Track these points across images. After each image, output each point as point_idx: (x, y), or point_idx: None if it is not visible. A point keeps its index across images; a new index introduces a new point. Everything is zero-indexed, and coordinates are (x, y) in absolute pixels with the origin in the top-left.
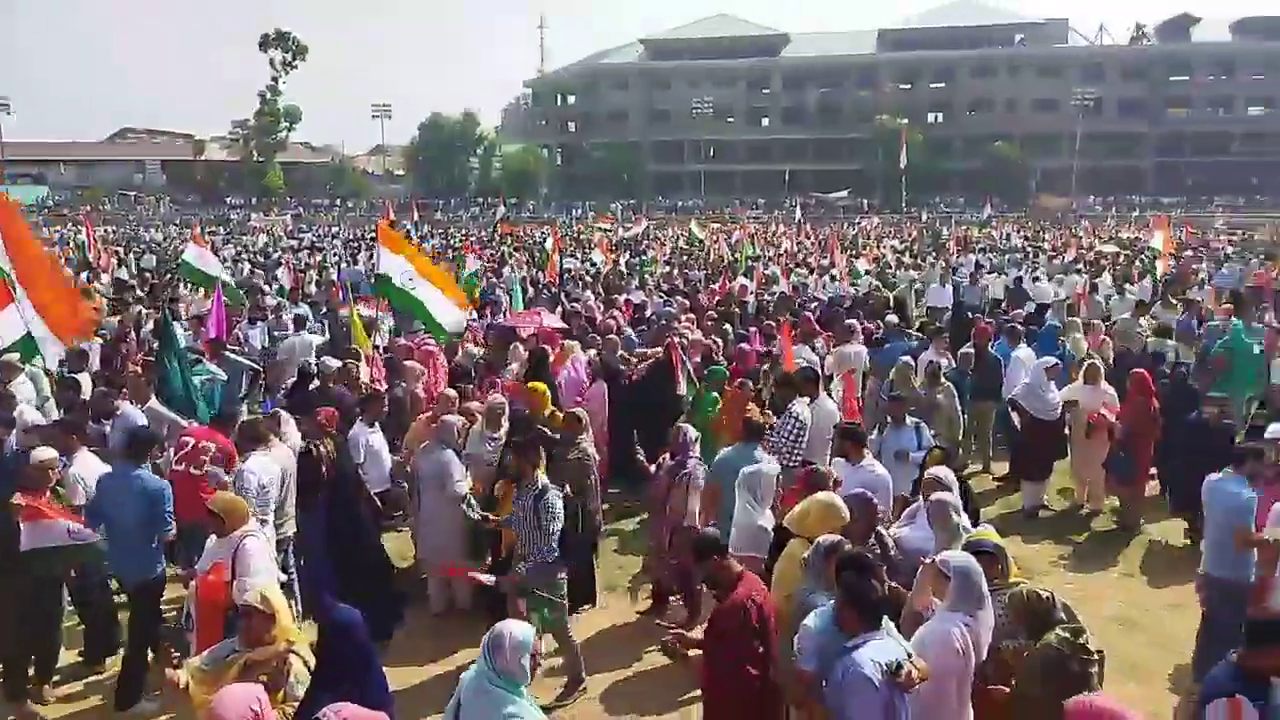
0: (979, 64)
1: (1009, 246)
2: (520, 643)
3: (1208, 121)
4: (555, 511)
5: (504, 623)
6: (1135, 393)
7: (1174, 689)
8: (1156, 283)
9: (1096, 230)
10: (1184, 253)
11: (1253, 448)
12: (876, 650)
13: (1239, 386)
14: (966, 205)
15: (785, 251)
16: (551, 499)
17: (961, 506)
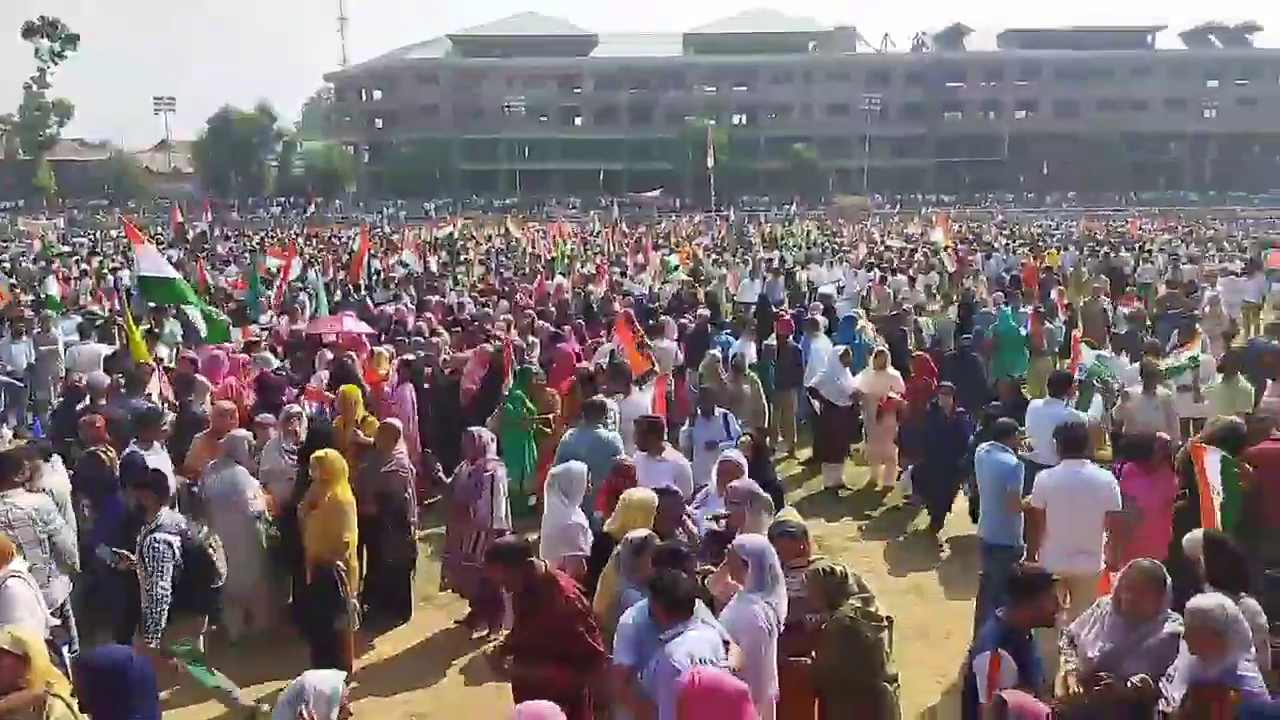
0: (778, 69)
1: (808, 243)
2: (326, 697)
3: (980, 124)
4: (159, 558)
5: (307, 676)
6: (919, 375)
7: (958, 650)
8: (943, 275)
9: (887, 227)
10: (960, 246)
11: (1009, 423)
12: (691, 641)
13: (1008, 367)
14: (771, 204)
15: (602, 250)
16: (156, 543)
17: (760, 489)
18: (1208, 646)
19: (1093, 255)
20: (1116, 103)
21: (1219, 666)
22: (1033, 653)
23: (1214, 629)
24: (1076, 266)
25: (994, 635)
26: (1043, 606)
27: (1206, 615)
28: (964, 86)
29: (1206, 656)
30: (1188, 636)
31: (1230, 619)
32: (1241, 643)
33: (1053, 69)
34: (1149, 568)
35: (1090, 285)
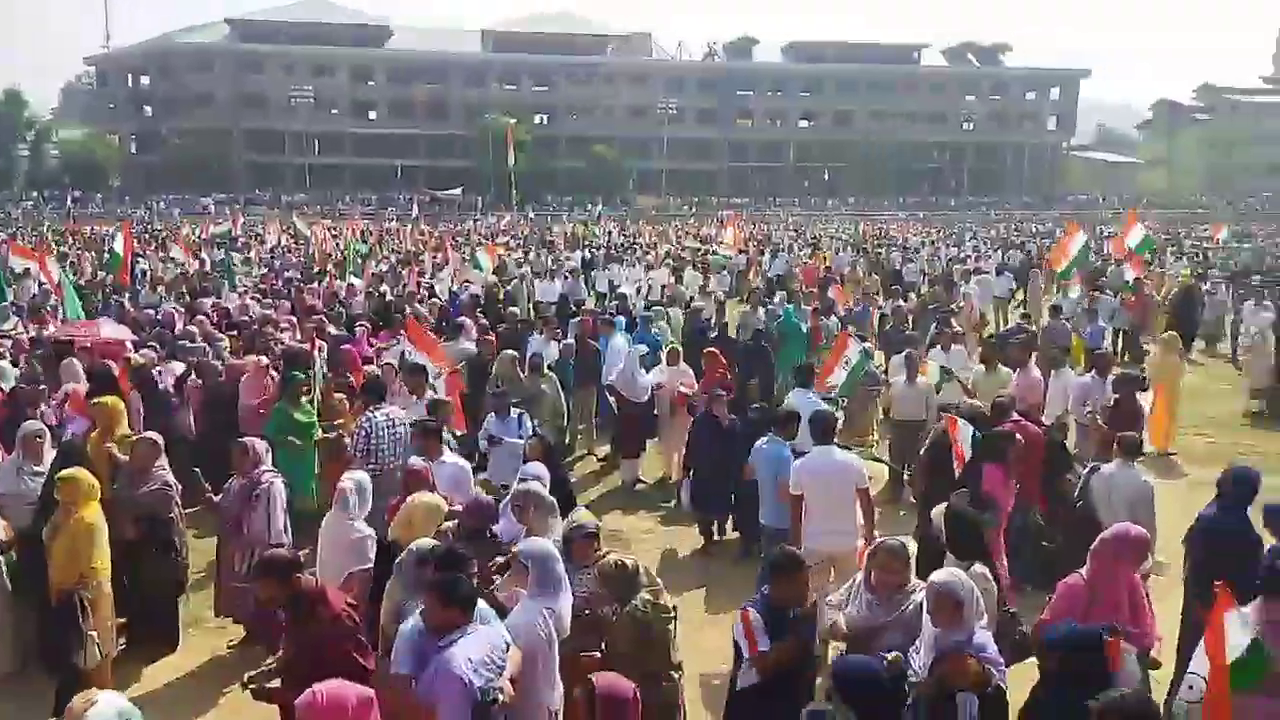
0: (578, 70)
1: (609, 243)
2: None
3: (767, 132)
4: None
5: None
6: (712, 369)
7: None
8: (734, 274)
9: (684, 227)
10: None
11: (793, 414)
12: (469, 644)
13: (790, 361)
14: (574, 204)
15: (399, 249)
16: None
17: (542, 491)
18: (948, 617)
19: (865, 255)
20: (887, 114)
21: (959, 635)
22: (802, 629)
23: (954, 601)
24: (852, 266)
25: (758, 607)
26: (795, 587)
27: (947, 588)
28: (753, 95)
29: (948, 627)
30: (931, 609)
31: (968, 591)
32: (979, 613)
33: (832, 82)
34: (894, 546)
35: (863, 283)
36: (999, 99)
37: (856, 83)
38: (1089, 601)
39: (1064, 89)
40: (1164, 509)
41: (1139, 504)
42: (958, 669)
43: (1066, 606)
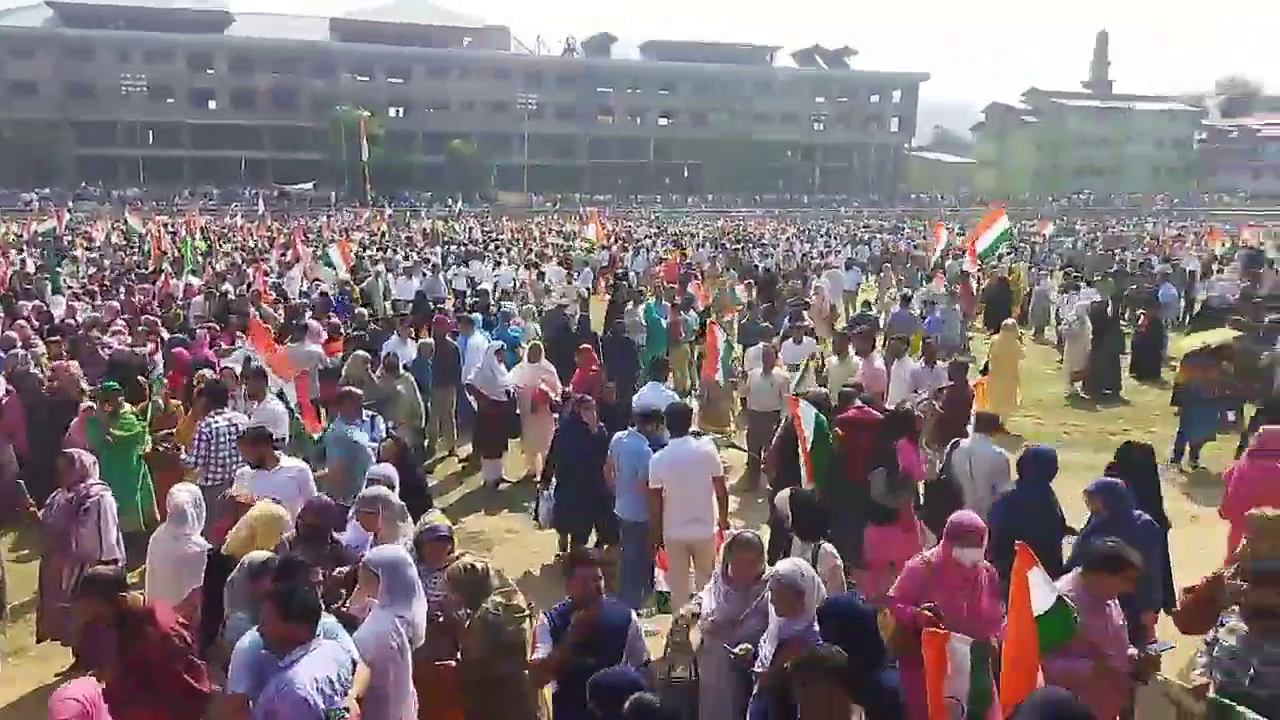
0: (434, 63)
1: (470, 239)
2: None
3: (628, 129)
4: None
5: None
6: (585, 365)
7: None
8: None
9: (546, 224)
10: (614, 244)
11: (655, 411)
12: (313, 662)
13: (652, 354)
14: (433, 200)
15: (243, 246)
16: None
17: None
18: (791, 606)
19: (723, 251)
20: (743, 114)
21: (800, 624)
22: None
23: (795, 590)
24: (712, 262)
25: (554, 611)
26: (582, 586)
27: (788, 578)
28: (613, 92)
29: (790, 616)
30: (774, 600)
31: (809, 580)
32: (821, 599)
33: (689, 81)
34: (747, 538)
35: (723, 279)
36: (846, 101)
37: (713, 82)
38: (926, 582)
39: (905, 92)
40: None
41: (996, 475)
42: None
43: (906, 586)
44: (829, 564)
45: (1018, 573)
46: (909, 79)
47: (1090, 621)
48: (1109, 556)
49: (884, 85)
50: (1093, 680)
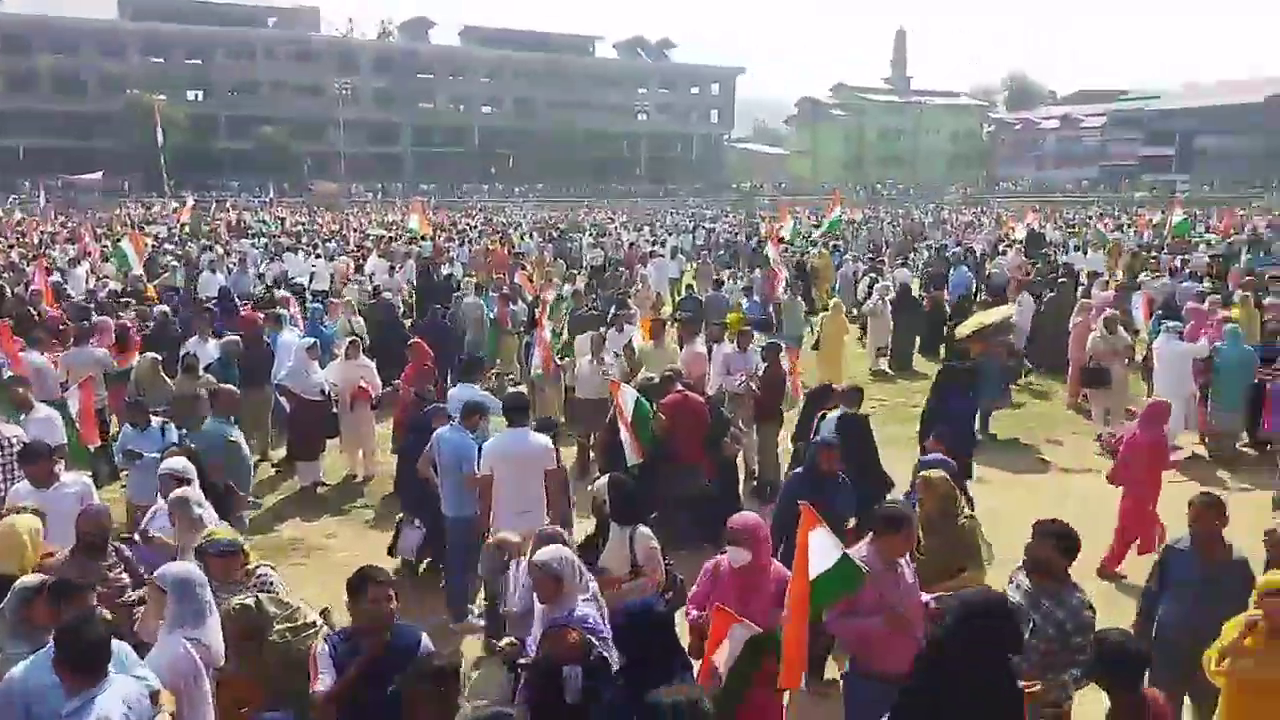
0: (237, 44)
1: (282, 231)
2: None
3: (452, 116)
4: None
5: None
6: (419, 359)
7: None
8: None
9: (367, 215)
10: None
11: (479, 404)
12: (108, 704)
13: (477, 346)
14: (241, 189)
15: (24, 242)
16: None
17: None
18: (550, 593)
19: (551, 242)
20: (568, 104)
21: (561, 611)
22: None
23: (554, 577)
24: (540, 253)
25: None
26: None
27: (546, 565)
28: (433, 78)
29: (550, 603)
30: (535, 587)
31: (569, 564)
32: (583, 585)
33: (513, 69)
34: (549, 533)
35: (551, 270)
36: (668, 92)
37: (537, 70)
38: (713, 583)
39: (723, 85)
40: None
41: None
42: (558, 643)
43: (698, 588)
44: (646, 546)
45: (801, 533)
46: (727, 72)
47: (883, 579)
48: (889, 518)
49: (703, 78)
50: (885, 635)
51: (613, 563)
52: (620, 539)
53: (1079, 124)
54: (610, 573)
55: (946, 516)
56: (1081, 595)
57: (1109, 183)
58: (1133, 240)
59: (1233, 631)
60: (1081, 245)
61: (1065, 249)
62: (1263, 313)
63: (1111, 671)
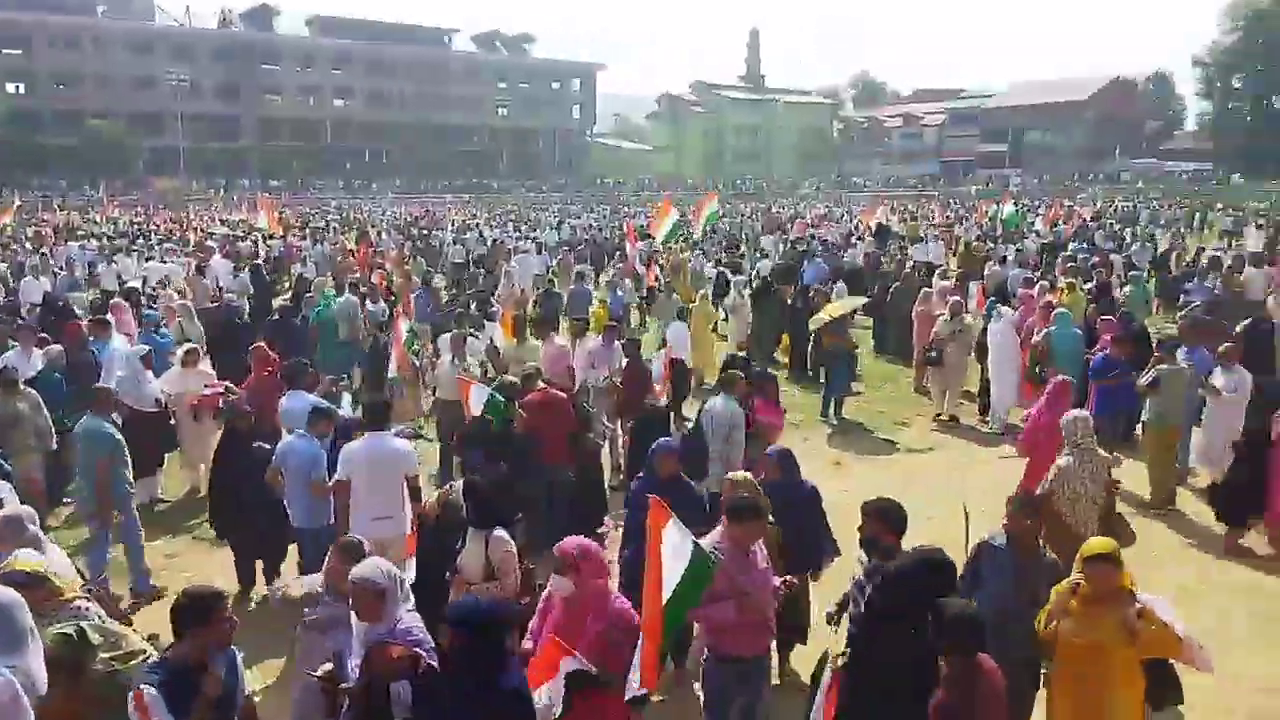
0: (62, 33)
1: (116, 232)
2: None
3: (300, 109)
4: None
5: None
6: (260, 366)
7: None
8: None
9: (210, 212)
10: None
11: (328, 409)
12: None
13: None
14: (70, 187)
15: None
16: None
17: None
18: (373, 610)
19: (410, 239)
20: (424, 97)
21: (382, 628)
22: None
23: (375, 591)
24: (399, 249)
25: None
26: (209, 634)
27: (366, 580)
28: (280, 70)
29: (371, 620)
30: (354, 605)
31: (390, 578)
32: (404, 596)
33: (364, 61)
34: (354, 544)
35: (412, 267)
36: (528, 86)
37: (391, 63)
38: (546, 608)
39: (583, 80)
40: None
41: (733, 430)
42: (382, 661)
43: (540, 610)
44: (501, 551)
45: (652, 529)
46: (587, 68)
47: (736, 566)
48: (740, 508)
49: (564, 73)
50: (738, 620)
51: (469, 567)
52: (477, 543)
53: (920, 121)
54: (466, 575)
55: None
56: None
57: (949, 177)
58: (971, 232)
59: (1059, 597)
60: (923, 238)
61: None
62: (1087, 297)
63: (952, 638)
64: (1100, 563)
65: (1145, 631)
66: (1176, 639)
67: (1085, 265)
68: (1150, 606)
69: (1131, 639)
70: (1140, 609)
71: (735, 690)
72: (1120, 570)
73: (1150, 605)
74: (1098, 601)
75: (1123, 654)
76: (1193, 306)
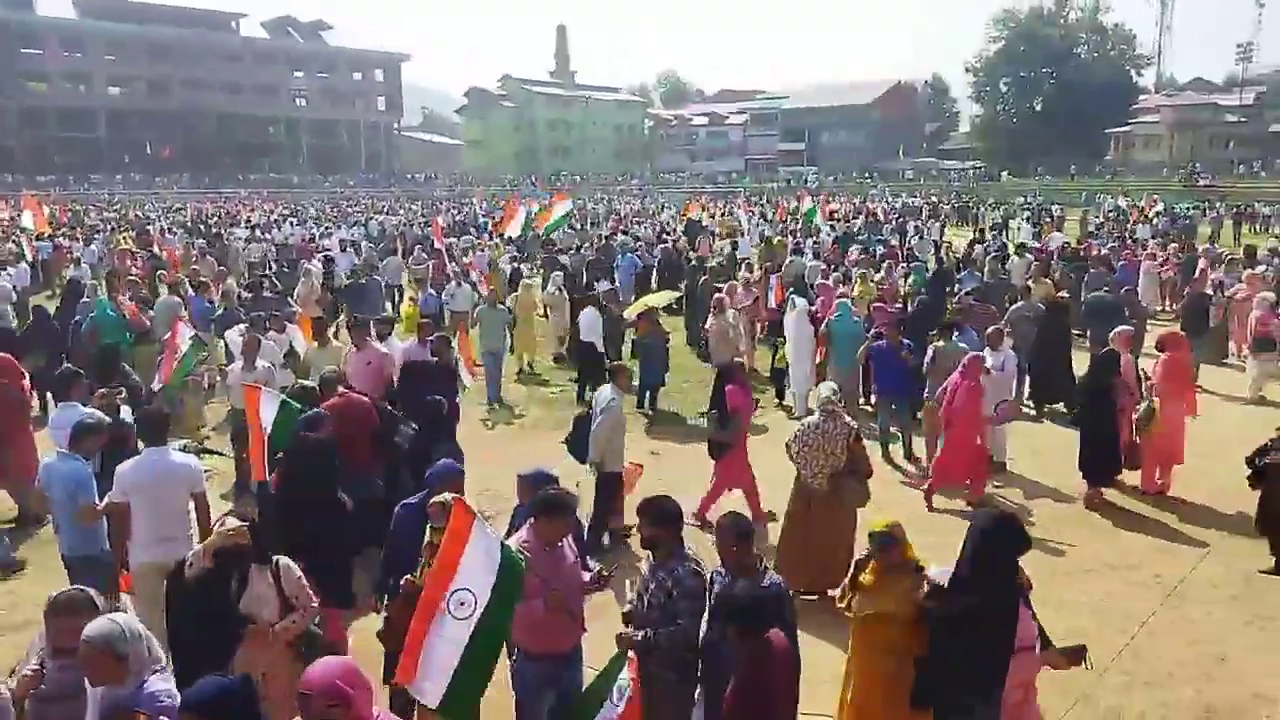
0: None
1: None
2: None
3: (70, 98)
4: None
5: None
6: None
7: None
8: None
9: None
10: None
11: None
12: None
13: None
14: None
15: None
16: None
17: None
18: (109, 673)
19: (202, 237)
20: (210, 85)
21: (124, 690)
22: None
23: (115, 655)
24: (186, 249)
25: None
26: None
27: (102, 641)
28: (44, 54)
29: (109, 683)
30: (85, 669)
31: (133, 637)
32: (151, 657)
33: (142, 45)
34: (82, 598)
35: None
36: (328, 76)
37: (172, 48)
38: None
39: (387, 72)
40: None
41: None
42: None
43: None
44: (291, 580)
45: (458, 527)
46: (391, 58)
47: (542, 562)
48: (549, 503)
49: (366, 63)
50: (547, 615)
51: (258, 606)
52: (261, 578)
53: (724, 120)
54: (259, 620)
55: None
56: (687, 565)
57: (752, 174)
58: (773, 227)
59: (854, 571)
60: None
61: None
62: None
63: (739, 621)
64: (883, 539)
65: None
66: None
67: (875, 258)
68: (935, 578)
69: (917, 610)
70: (926, 582)
71: (548, 686)
72: (901, 545)
73: (935, 577)
74: (885, 573)
75: (910, 623)
76: (965, 292)
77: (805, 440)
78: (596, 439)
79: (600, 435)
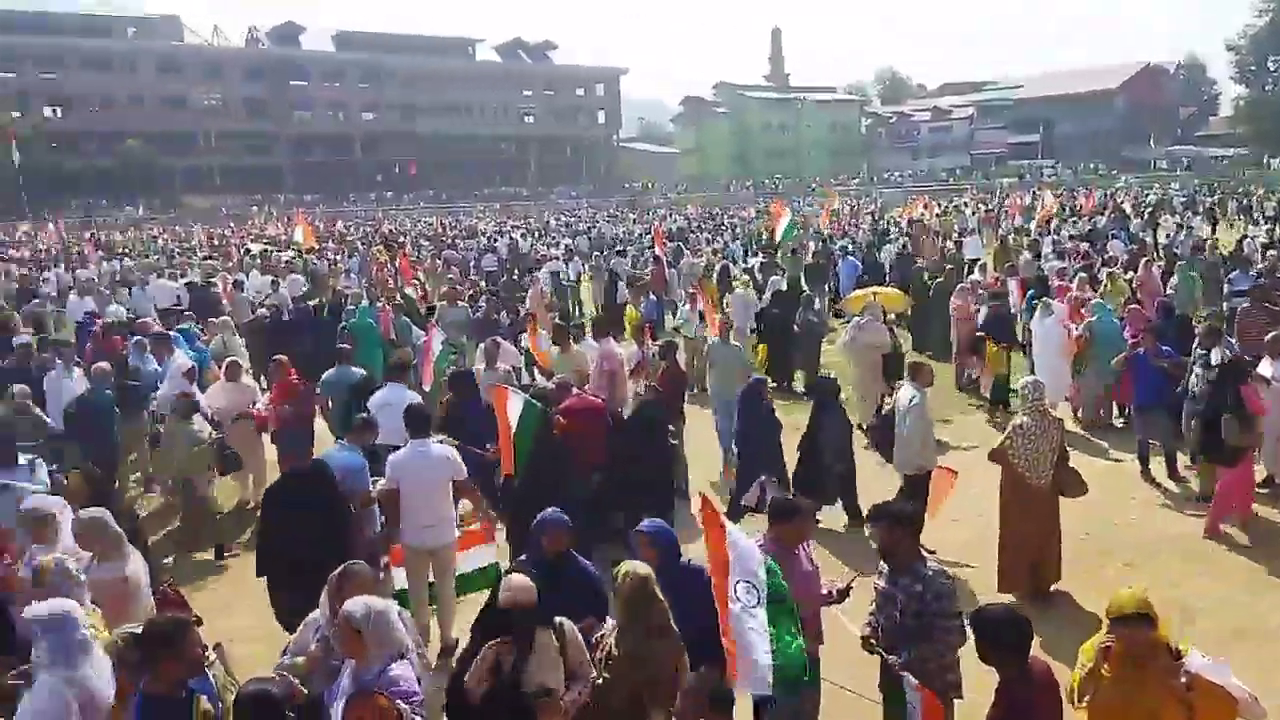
0: (95, 56)
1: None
2: None
3: (330, 124)
4: None
5: None
6: (278, 377)
7: None
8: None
9: (246, 228)
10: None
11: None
12: None
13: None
14: (110, 206)
15: None
16: None
17: None
18: (351, 647)
19: (446, 248)
20: (452, 107)
21: (369, 672)
22: None
23: (354, 629)
24: (431, 259)
25: None
26: None
27: (349, 617)
28: (308, 86)
29: (355, 658)
30: (337, 638)
31: (373, 616)
32: (393, 641)
33: (392, 74)
34: (355, 570)
35: (443, 276)
36: (553, 94)
37: (417, 75)
38: None
39: (607, 86)
40: None
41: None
42: (364, 712)
43: None
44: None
45: (714, 542)
46: (610, 73)
47: (784, 567)
48: (783, 509)
49: (587, 79)
50: None
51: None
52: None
53: (948, 115)
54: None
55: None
56: (930, 565)
57: (980, 170)
58: (1006, 226)
59: (1088, 659)
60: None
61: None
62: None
63: (994, 646)
64: (1131, 623)
65: (1200, 704)
66: (1233, 703)
67: (1125, 254)
68: (1199, 673)
69: (1189, 713)
70: (1190, 679)
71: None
72: (1154, 627)
73: (1199, 671)
74: (1134, 665)
75: None
76: (1233, 292)
77: (1026, 441)
78: (909, 441)
79: (914, 437)
